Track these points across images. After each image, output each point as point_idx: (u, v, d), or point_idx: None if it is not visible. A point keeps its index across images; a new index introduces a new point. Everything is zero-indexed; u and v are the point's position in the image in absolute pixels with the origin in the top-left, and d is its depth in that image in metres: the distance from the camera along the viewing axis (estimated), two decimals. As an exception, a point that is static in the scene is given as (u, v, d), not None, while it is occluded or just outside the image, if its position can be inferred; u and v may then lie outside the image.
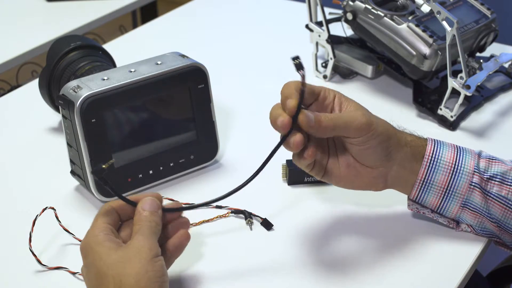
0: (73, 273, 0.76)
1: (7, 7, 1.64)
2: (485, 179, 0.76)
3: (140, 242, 0.65)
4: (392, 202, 0.87)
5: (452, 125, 1.03)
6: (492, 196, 0.76)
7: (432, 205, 0.78)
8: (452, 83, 1.00)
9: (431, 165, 0.76)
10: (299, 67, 0.70)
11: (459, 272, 0.77)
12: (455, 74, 1.00)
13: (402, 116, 1.07)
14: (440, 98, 1.05)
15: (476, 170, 0.76)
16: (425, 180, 0.77)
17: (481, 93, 1.10)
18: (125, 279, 0.62)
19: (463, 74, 0.99)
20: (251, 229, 0.83)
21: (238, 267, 0.77)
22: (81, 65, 0.98)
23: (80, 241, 0.80)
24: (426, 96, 1.08)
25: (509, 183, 0.76)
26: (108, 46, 1.21)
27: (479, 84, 1.01)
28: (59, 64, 0.99)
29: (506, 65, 1.15)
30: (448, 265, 0.78)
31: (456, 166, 0.76)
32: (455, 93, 1.01)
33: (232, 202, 0.87)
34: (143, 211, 0.68)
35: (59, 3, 1.67)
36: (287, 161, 0.91)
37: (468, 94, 0.99)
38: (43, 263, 0.77)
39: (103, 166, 0.69)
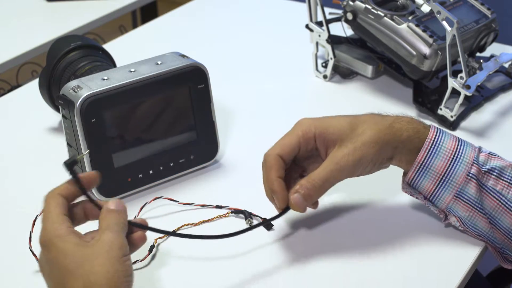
0: (73, 273, 0.76)
1: (7, 7, 1.64)
2: (482, 171, 0.76)
3: (110, 239, 0.62)
4: (393, 202, 0.87)
5: (452, 125, 1.03)
6: (487, 189, 0.76)
7: (426, 191, 0.78)
8: (452, 83, 1.00)
9: (431, 149, 0.76)
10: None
11: (459, 272, 0.77)
12: (455, 74, 1.00)
13: (402, 116, 1.07)
14: (440, 98, 1.05)
15: (475, 162, 0.76)
16: (424, 163, 0.76)
17: (481, 93, 1.10)
18: (95, 277, 0.60)
19: (463, 74, 0.99)
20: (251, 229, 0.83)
21: (238, 267, 0.77)
22: (81, 65, 0.98)
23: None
24: (426, 96, 1.08)
25: (505, 179, 0.76)
26: (108, 46, 1.21)
27: (479, 84, 1.01)
28: (59, 64, 0.99)
29: (506, 65, 1.15)
30: (448, 265, 0.78)
31: (456, 154, 0.76)
32: (455, 93, 1.01)
33: (232, 202, 0.87)
34: (111, 209, 0.66)
35: (59, 3, 1.67)
36: None
37: (468, 94, 0.99)
38: None
39: (77, 158, 0.67)
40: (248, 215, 0.84)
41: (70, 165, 0.67)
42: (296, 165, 0.79)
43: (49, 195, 0.67)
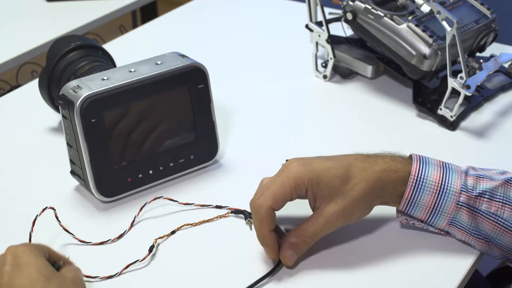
0: (73, 273, 0.76)
1: (7, 7, 1.64)
2: (473, 197, 0.76)
3: (76, 273, 0.69)
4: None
5: (452, 125, 1.03)
6: (481, 213, 0.76)
7: (421, 218, 0.78)
8: (452, 83, 1.00)
9: (416, 185, 0.76)
10: None
11: (459, 272, 0.77)
12: (455, 74, 1.00)
13: (402, 116, 1.07)
14: (440, 98, 1.05)
15: (464, 189, 0.76)
16: (411, 199, 0.77)
17: (481, 93, 1.10)
18: None
19: (463, 74, 0.99)
20: (250, 229, 0.83)
21: (238, 266, 0.77)
22: (81, 65, 0.98)
23: (80, 241, 0.81)
24: (426, 96, 1.08)
25: (498, 200, 0.76)
26: (108, 46, 1.21)
27: (479, 84, 1.00)
28: (59, 64, 0.99)
29: (506, 65, 1.15)
30: (448, 265, 0.78)
31: (442, 186, 0.76)
32: (455, 93, 1.01)
33: (232, 202, 0.87)
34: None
35: (59, 3, 1.67)
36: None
37: (468, 94, 0.99)
38: None
39: None
40: (248, 215, 0.84)
41: None
42: None
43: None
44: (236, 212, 0.85)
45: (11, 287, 0.63)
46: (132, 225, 0.83)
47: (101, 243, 0.81)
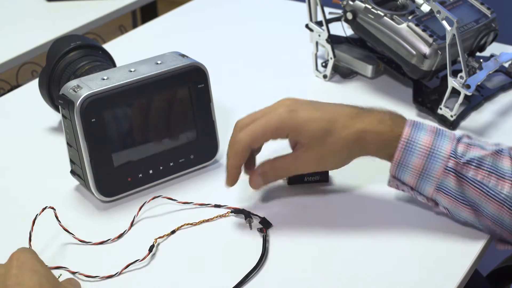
0: (73, 273, 0.76)
1: (7, 7, 1.64)
2: (461, 163, 0.77)
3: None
4: (393, 203, 0.87)
5: (452, 125, 1.03)
6: (467, 179, 0.77)
7: (410, 184, 0.80)
8: (452, 82, 1.00)
9: (406, 147, 0.78)
10: None
11: (459, 272, 0.77)
12: (455, 73, 1.00)
13: (402, 115, 1.07)
14: (440, 97, 1.05)
15: (453, 155, 0.77)
16: (401, 161, 0.78)
17: (481, 93, 1.10)
18: None
19: (463, 74, 0.99)
20: (250, 228, 0.83)
21: (238, 266, 0.77)
22: (81, 64, 0.98)
23: (80, 240, 0.80)
24: (426, 95, 1.08)
25: (485, 168, 0.77)
26: (108, 46, 1.21)
27: (479, 83, 1.00)
28: (59, 64, 0.99)
29: (506, 65, 1.15)
30: (448, 265, 0.78)
31: (432, 150, 0.77)
32: (455, 92, 1.01)
33: (232, 201, 0.87)
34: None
35: (59, 3, 1.67)
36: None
37: (468, 93, 0.99)
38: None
39: None
40: (247, 215, 0.84)
41: None
42: None
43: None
44: (236, 211, 0.85)
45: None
46: (131, 224, 0.83)
47: (101, 243, 0.81)
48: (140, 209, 0.85)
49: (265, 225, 0.82)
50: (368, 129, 0.78)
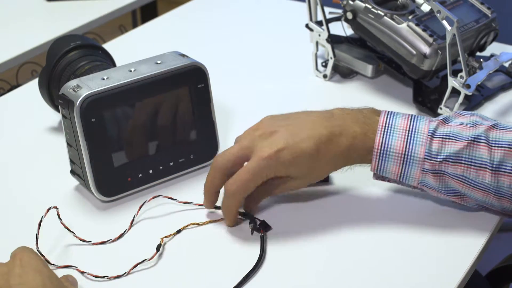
0: (82, 272, 0.76)
1: (7, 7, 1.64)
2: (437, 163, 0.77)
3: None
4: (392, 203, 0.87)
5: (452, 125, 1.03)
6: (448, 174, 0.78)
7: (394, 174, 0.80)
8: (452, 82, 1.00)
9: (381, 156, 0.79)
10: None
11: (459, 272, 0.77)
12: (455, 73, 1.00)
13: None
14: (440, 97, 1.05)
15: (427, 156, 0.77)
16: (379, 168, 0.79)
17: (481, 93, 1.10)
18: None
19: (463, 74, 0.99)
20: (252, 233, 0.82)
21: (238, 266, 0.77)
22: (81, 64, 0.98)
23: (81, 240, 0.80)
24: (426, 95, 1.08)
25: (463, 162, 0.77)
26: (108, 46, 1.21)
27: (479, 83, 1.00)
28: (59, 63, 0.99)
29: (506, 65, 1.14)
30: (448, 265, 0.78)
31: (406, 155, 0.78)
32: (455, 92, 1.01)
33: (232, 201, 0.87)
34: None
35: (59, 2, 1.67)
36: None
37: (468, 93, 0.99)
38: (51, 262, 0.77)
39: None
40: (252, 219, 0.82)
41: None
42: None
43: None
44: (241, 214, 0.84)
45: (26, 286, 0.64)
46: (131, 224, 0.83)
47: (102, 243, 0.81)
48: (140, 208, 0.85)
49: (264, 228, 0.82)
50: (350, 146, 0.79)
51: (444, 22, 0.98)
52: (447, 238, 0.81)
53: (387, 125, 0.79)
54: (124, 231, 0.82)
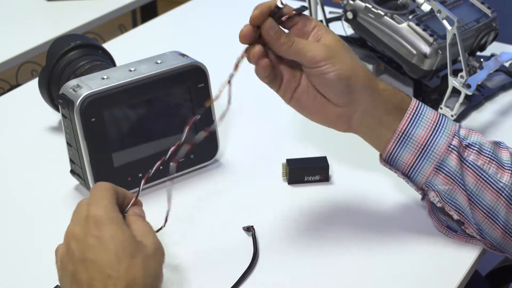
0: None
1: (7, 6, 1.64)
2: (463, 145, 0.76)
3: (157, 244, 0.63)
4: (393, 202, 0.87)
5: (452, 124, 1.03)
6: (468, 164, 0.76)
7: (406, 165, 0.76)
8: (452, 82, 1.00)
9: (414, 118, 0.75)
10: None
11: (459, 272, 0.77)
12: (455, 73, 1.00)
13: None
14: (440, 97, 1.05)
15: (457, 134, 0.76)
16: (405, 132, 0.75)
17: (482, 92, 1.10)
18: (143, 274, 0.60)
19: (463, 73, 0.99)
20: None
21: (238, 266, 0.77)
22: (81, 64, 0.98)
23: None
24: (427, 95, 1.08)
25: (485, 154, 0.76)
26: (108, 45, 1.20)
27: (479, 83, 1.00)
28: (58, 63, 0.99)
29: (507, 64, 1.14)
30: (448, 265, 0.78)
31: (438, 124, 0.76)
32: (455, 92, 1.01)
33: (232, 201, 0.87)
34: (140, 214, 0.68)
35: (59, 2, 1.67)
36: (288, 160, 0.91)
37: (469, 93, 0.99)
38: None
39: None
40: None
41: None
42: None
43: (105, 185, 0.67)
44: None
45: (98, 264, 0.60)
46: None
47: (101, 243, 0.80)
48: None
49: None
50: (380, 80, 0.76)
51: (445, 22, 0.98)
52: (448, 238, 0.80)
53: (416, 111, 0.76)
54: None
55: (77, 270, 0.61)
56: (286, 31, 0.74)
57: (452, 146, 0.75)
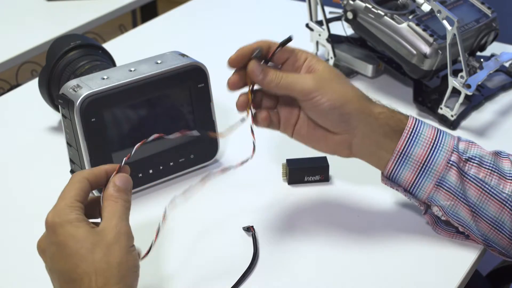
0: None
1: (7, 6, 1.64)
2: (463, 159, 0.76)
3: (118, 228, 0.63)
4: (393, 202, 0.87)
5: (452, 125, 1.03)
6: (469, 178, 0.76)
7: (407, 182, 0.77)
8: (452, 82, 1.00)
9: (411, 137, 0.76)
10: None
11: (459, 272, 0.77)
12: (455, 73, 1.00)
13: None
14: (440, 97, 1.05)
15: (455, 150, 0.76)
16: (403, 152, 0.75)
17: (482, 92, 1.10)
18: (107, 265, 0.60)
19: (463, 73, 0.99)
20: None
21: (238, 266, 0.77)
22: (81, 64, 0.98)
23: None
24: (427, 95, 1.08)
25: (486, 166, 0.76)
26: (108, 45, 1.20)
27: (479, 83, 1.00)
28: (58, 63, 0.99)
29: (507, 64, 1.14)
30: (449, 265, 0.78)
31: (436, 142, 0.76)
32: (455, 92, 1.01)
33: (232, 201, 0.87)
34: (117, 187, 0.68)
35: (59, 2, 1.67)
36: (288, 160, 0.91)
37: (469, 93, 0.99)
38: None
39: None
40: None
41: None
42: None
43: (76, 177, 0.66)
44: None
45: (62, 270, 0.61)
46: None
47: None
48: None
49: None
50: (376, 103, 0.77)
51: (445, 22, 0.98)
52: (448, 238, 0.80)
53: (413, 131, 0.76)
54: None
55: (53, 280, 0.63)
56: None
57: (451, 162, 0.76)
